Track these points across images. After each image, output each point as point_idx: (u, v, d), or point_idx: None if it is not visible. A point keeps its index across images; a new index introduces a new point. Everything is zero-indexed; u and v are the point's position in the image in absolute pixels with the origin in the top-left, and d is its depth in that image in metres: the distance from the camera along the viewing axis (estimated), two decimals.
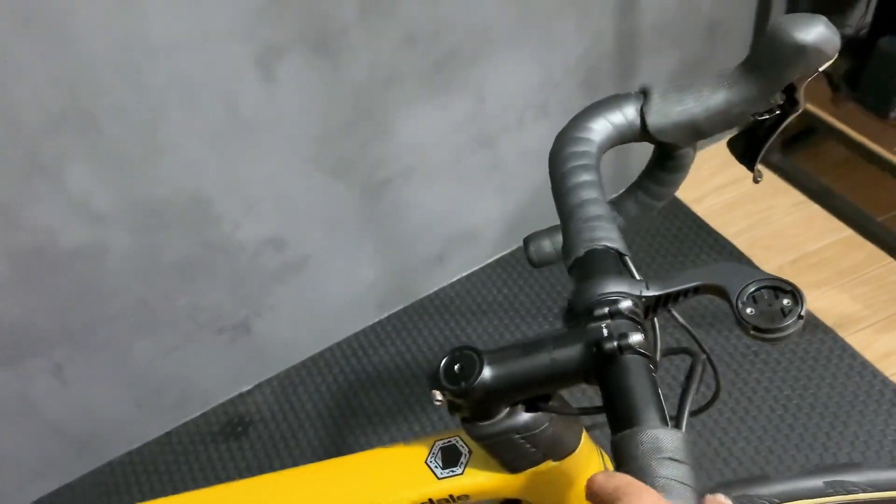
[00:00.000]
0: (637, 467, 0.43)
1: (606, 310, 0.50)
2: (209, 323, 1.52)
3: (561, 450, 0.57)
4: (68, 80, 1.09)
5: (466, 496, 0.59)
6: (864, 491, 0.67)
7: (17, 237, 1.21)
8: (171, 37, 1.12)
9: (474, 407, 0.53)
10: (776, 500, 0.68)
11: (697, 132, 0.63)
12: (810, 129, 1.86)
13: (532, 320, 1.71)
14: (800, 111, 0.65)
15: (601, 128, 0.63)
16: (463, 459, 0.60)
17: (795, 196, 1.84)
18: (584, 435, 0.59)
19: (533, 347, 0.51)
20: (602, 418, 0.51)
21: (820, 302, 1.64)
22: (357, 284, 1.66)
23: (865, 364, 1.53)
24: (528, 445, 0.55)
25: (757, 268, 0.51)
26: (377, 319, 1.77)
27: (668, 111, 0.62)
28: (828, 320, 1.61)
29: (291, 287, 1.56)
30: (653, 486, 0.42)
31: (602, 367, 0.48)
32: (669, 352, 0.55)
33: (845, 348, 1.56)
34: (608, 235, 0.56)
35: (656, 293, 0.52)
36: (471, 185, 1.61)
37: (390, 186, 1.50)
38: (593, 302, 0.51)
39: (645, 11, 1.55)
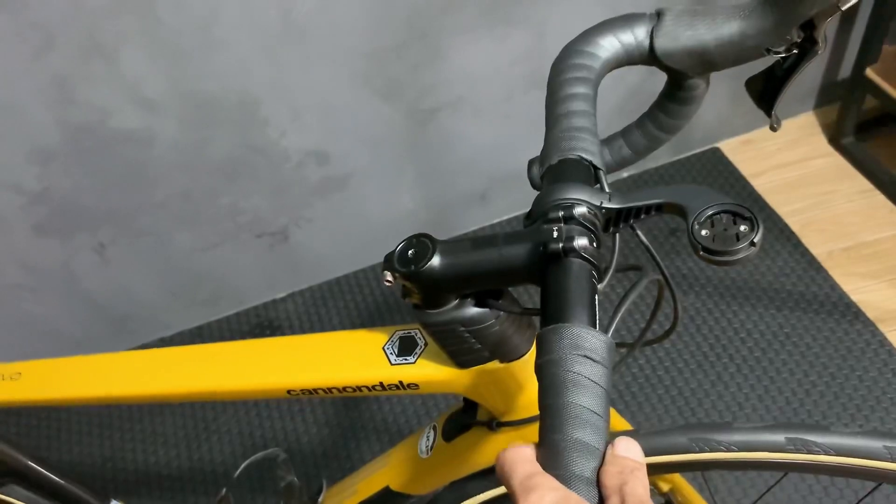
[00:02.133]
0: (554, 359, 0.43)
1: (560, 213, 0.50)
2: (249, 226, 1.57)
3: (508, 351, 0.58)
4: None
5: (415, 385, 0.60)
6: (826, 453, 0.65)
7: (71, 112, 1.26)
8: None
9: (423, 293, 0.53)
10: (734, 448, 0.67)
11: (707, 61, 0.61)
12: (887, 115, 1.76)
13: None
14: (819, 53, 0.62)
15: (609, 45, 0.62)
16: (417, 350, 0.61)
17: (861, 183, 1.76)
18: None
19: (484, 242, 0.51)
20: None
21: (866, 294, 1.58)
22: (396, 210, 1.67)
23: None
24: (474, 340, 0.56)
25: (720, 193, 0.49)
26: None
27: (678, 35, 0.61)
28: (870, 313, 1.54)
29: (331, 203, 1.59)
30: (564, 379, 0.42)
31: (546, 267, 0.48)
32: (623, 268, 0.54)
33: (883, 344, 1.50)
34: (585, 147, 0.56)
35: (617, 206, 0.51)
36: (520, 125, 1.60)
37: (438, 115, 1.50)
38: (552, 206, 0.51)
39: None
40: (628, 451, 0.42)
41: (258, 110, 1.37)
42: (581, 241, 0.47)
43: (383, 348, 0.62)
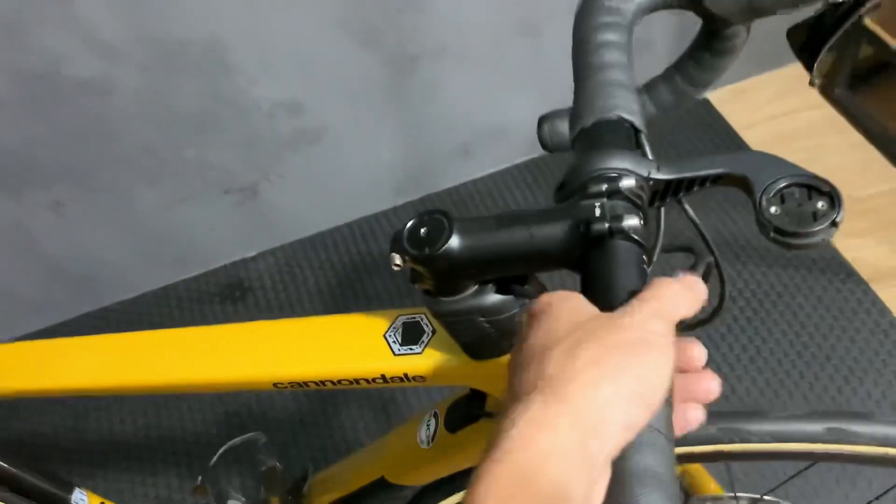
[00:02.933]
0: None
1: (604, 187, 0.43)
2: (217, 181, 1.47)
3: None
4: None
5: (422, 377, 0.53)
6: (868, 444, 0.60)
7: (22, 58, 1.15)
8: None
9: (438, 279, 0.46)
10: (768, 439, 0.61)
11: (755, 6, 0.53)
12: (883, 65, 1.70)
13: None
14: (877, 2, 0.54)
15: None
16: (424, 338, 0.54)
17: (854, 137, 1.71)
18: None
19: (512, 220, 0.44)
20: None
21: (859, 252, 1.54)
22: (375, 165, 1.59)
23: (894, 323, 1.44)
24: (494, 331, 0.49)
25: (790, 162, 0.42)
26: (392, 206, 1.71)
27: None
28: (863, 272, 1.51)
29: (305, 157, 1.50)
30: None
31: (587, 250, 0.41)
32: (671, 248, 0.47)
33: (875, 303, 1.46)
34: (625, 105, 0.48)
35: (668, 177, 0.44)
36: (507, 75, 1.51)
37: (420, 63, 1.41)
38: (591, 177, 0.43)
39: None
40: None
41: (227, 57, 1.27)
42: (631, 221, 0.40)
43: (384, 336, 0.55)
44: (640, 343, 0.34)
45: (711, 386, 0.39)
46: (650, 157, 0.46)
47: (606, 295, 0.39)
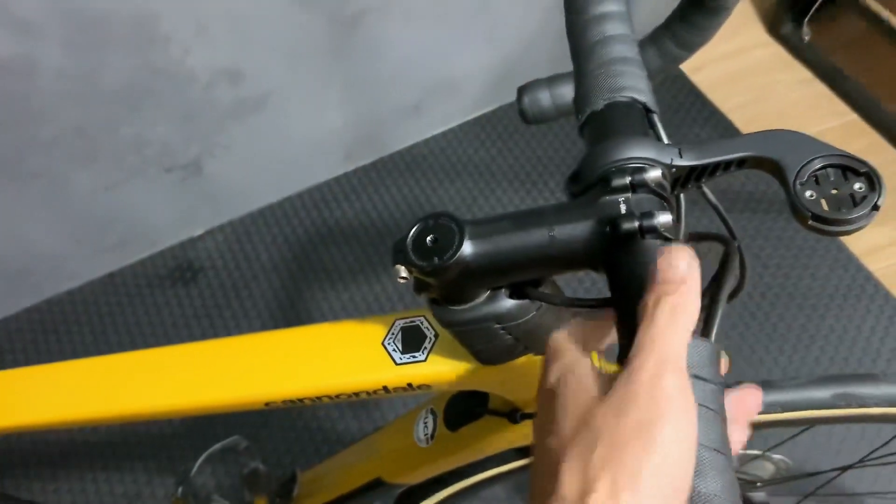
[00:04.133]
0: None
1: (628, 180, 0.39)
2: (156, 159, 1.38)
3: (544, 341, 0.47)
4: None
5: (427, 386, 0.49)
6: (878, 405, 0.59)
7: None
8: None
9: (448, 288, 0.42)
10: (777, 409, 0.60)
11: None
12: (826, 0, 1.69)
13: (509, 186, 1.60)
14: None
15: None
16: (427, 344, 0.50)
17: (802, 73, 1.71)
18: None
19: (528, 221, 0.40)
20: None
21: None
22: (322, 130, 1.52)
23: (850, 258, 1.46)
24: (508, 336, 0.45)
25: (821, 141, 0.39)
26: (343, 172, 1.64)
27: None
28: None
29: (249, 126, 1.42)
30: None
31: (615, 251, 0.37)
32: (696, 237, 0.44)
33: (833, 240, 1.48)
34: (636, 85, 0.44)
35: (691, 163, 0.41)
36: (455, 27, 1.44)
37: (363, 20, 1.33)
38: (611, 169, 0.40)
39: None
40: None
41: (157, 26, 1.17)
42: (663, 218, 0.37)
43: (383, 344, 0.50)
44: (652, 423, 0.30)
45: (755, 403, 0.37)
46: (666, 140, 0.43)
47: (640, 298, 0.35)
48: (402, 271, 0.41)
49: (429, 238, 0.40)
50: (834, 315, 1.40)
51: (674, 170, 0.40)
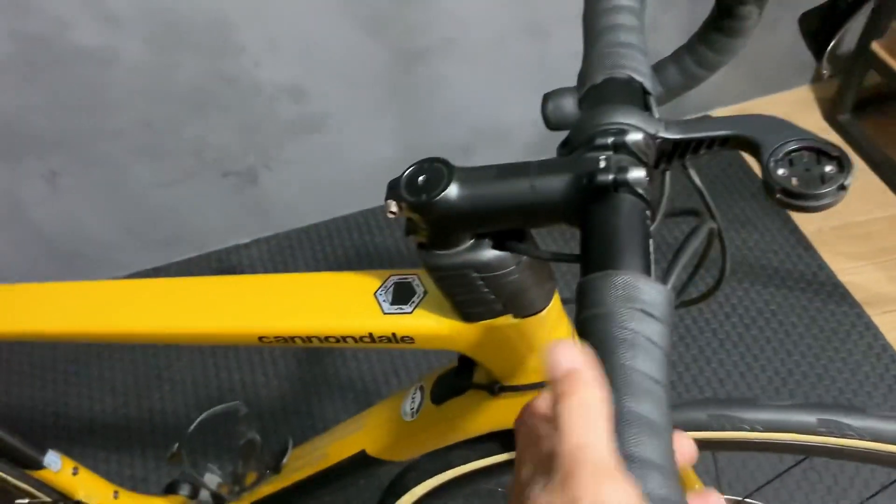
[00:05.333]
0: (603, 312, 0.35)
1: (610, 140, 0.41)
2: (215, 163, 1.46)
3: (525, 305, 0.49)
4: None
5: (410, 338, 0.52)
6: (861, 438, 0.59)
7: (24, 21, 1.13)
8: None
9: (434, 229, 0.45)
10: (759, 428, 0.60)
11: None
12: (887, 94, 1.71)
13: (551, 240, 1.62)
14: None
15: None
16: (415, 299, 0.52)
17: (855, 161, 1.71)
18: (556, 298, 0.51)
19: (512, 171, 0.43)
20: None
21: (854, 276, 1.53)
22: (373, 158, 1.58)
23: (886, 347, 1.43)
24: (488, 290, 0.47)
25: (800, 127, 0.41)
26: None
27: None
28: (857, 295, 1.50)
29: (305, 144, 1.49)
30: (616, 337, 0.34)
31: (589, 202, 0.40)
32: (673, 213, 0.46)
33: (869, 327, 1.46)
34: (636, 66, 0.47)
35: (675, 136, 0.43)
36: (511, 76, 1.50)
37: (425, 57, 1.40)
38: (597, 131, 0.42)
39: None
40: None
41: (232, 35, 1.26)
42: (636, 173, 0.39)
43: (375, 294, 0.53)
44: None
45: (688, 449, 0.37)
46: (657, 116, 0.46)
47: (606, 253, 0.37)
48: (393, 206, 0.44)
49: (420, 178, 0.43)
50: (861, 403, 1.36)
51: (658, 140, 0.43)
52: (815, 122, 1.79)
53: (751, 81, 1.79)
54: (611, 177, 0.39)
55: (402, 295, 0.53)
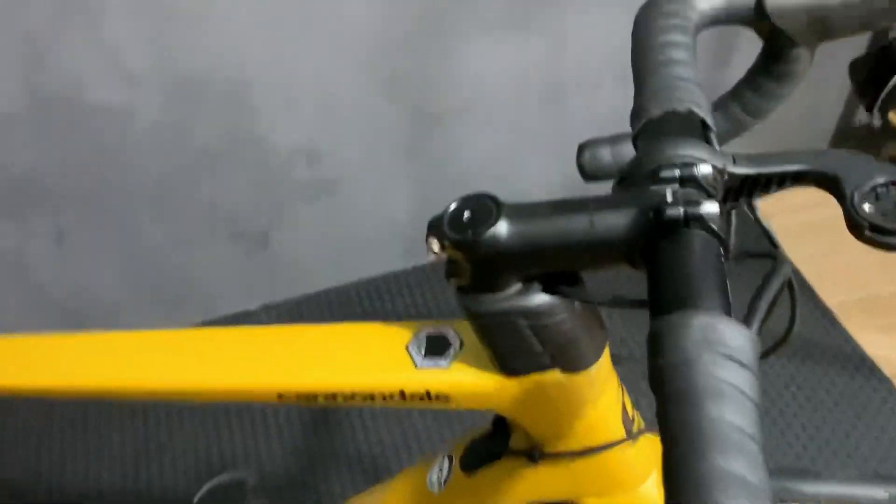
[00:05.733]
0: (682, 359, 0.31)
1: (677, 172, 0.38)
2: (226, 224, 1.43)
3: (574, 358, 0.45)
4: None
5: (446, 396, 0.47)
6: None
7: (42, 76, 1.13)
8: None
9: (479, 270, 0.41)
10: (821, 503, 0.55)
11: (825, 24, 0.50)
12: None
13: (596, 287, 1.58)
14: None
15: None
16: (451, 351, 0.48)
17: None
18: (607, 352, 0.47)
19: (568, 206, 0.39)
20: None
21: (881, 349, 1.48)
22: (387, 223, 1.55)
23: None
24: (535, 340, 0.43)
25: (883, 161, 0.38)
26: (402, 268, 1.66)
27: None
28: (886, 369, 1.45)
29: (318, 208, 1.46)
30: (704, 386, 0.30)
31: (657, 240, 0.36)
32: (745, 254, 0.43)
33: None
34: (696, 100, 0.44)
35: (745, 171, 0.40)
36: (529, 140, 1.49)
37: (444, 119, 1.39)
38: (661, 164, 0.39)
39: None
40: None
41: (250, 95, 1.25)
42: (709, 207, 0.36)
43: (406, 347, 0.49)
44: None
45: None
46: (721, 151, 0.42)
47: (681, 292, 0.33)
48: (435, 245, 0.40)
49: (465, 214, 0.40)
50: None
51: (726, 177, 0.39)
52: (829, 196, 1.77)
53: (768, 146, 1.78)
54: (681, 210, 0.35)
55: (436, 348, 0.48)
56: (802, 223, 1.72)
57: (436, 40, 1.27)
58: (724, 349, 0.31)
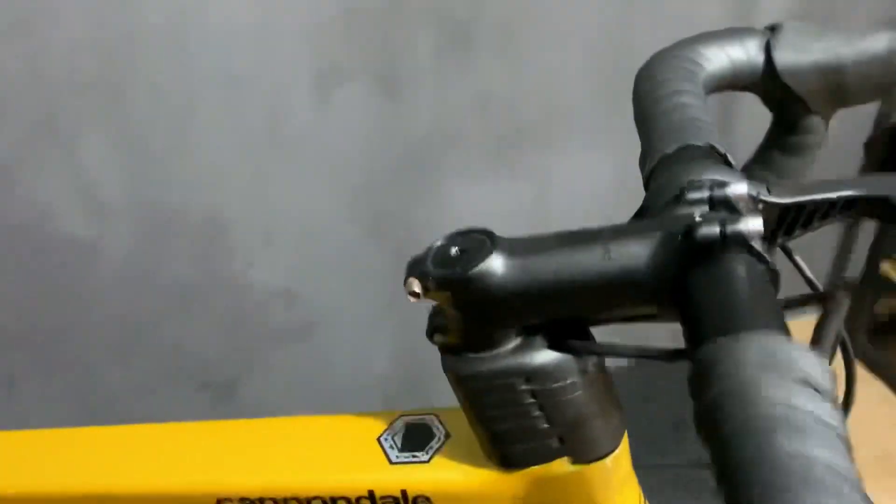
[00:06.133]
0: (742, 385, 0.23)
1: (706, 193, 0.32)
2: (192, 370, 1.33)
3: (587, 441, 0.36)
4: (108, 33, 1.00)
5: (426, 499, 0.37)
6: None
7: (7, 201, 1.08)
8: (231, 21, 1.03)
9: (469, 318, 0.33)
10: None
11: (839, 87, 0.46)
12: None
13: None
14: None
15: (714, 56, 0.47)
16: (434, 444, 0.39)
17: (881, 389, 1.60)
18: (626, 441, 0.38)
19: (578, 237, 0.32)
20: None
21: None
22: (365, 372, 1.45)
23: None
24: (539, 413, 0.34)
25: None
26: None
27: (805, 46, 0.46)
28: None
29: (292, 355, 1.37)
30: (773, 416, 0.23)
31: (689, 270, 0.29)
32: (792, 303, 0.35)
33: None
34: (712, 137, 0.39)
35: (784, 201, 0.34)
36: None
37: None
38: (686, 186, 0.33)
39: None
40: None
41: (226, 233, 1.20)
42: (751, 224, 0.29)
43: (379, 440, 0.40)
44: None
45: None
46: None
47: (732, 312, 0.26)
48: (415, 285, 0.33)
49: (454, 250, 0.33)
50: None
51: (761, 206, 0.33)
52: None
53: None
54: (717, 229, 0.29)
55: (415, 439, 0.39)
56: None
57: (421, 181, 1.25)
58: (793, 373, 0.23)
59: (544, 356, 0.33)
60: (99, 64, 1.01)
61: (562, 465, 0.36)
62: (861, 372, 1.65)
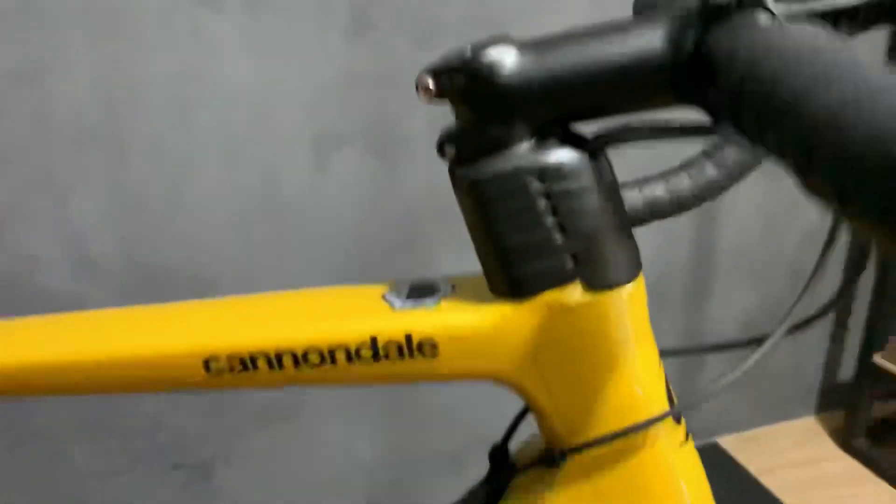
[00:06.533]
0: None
1: None
2: (166, 450, 1.26)
3: (602, 262, 0.34)
4: (113, 88, 1.03)
5: (432, 344, 0.35)
6: None
7: None
8: (234, 84, 1.07)
9: (479, 113, 0.33)
10: None
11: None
12: None
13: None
14: None
15: None
16: (439, 294, 0.37)
17: (883, 488, 1.54)
18: (642, 281, 0.36)
19: (592, 28, 0.33)
20: None
21: None
22: (349, 460, 1.38)
23: None
24: (552, 218, 0.33)
25: None
26: None
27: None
28: None
29: (273, 436, 1.31)
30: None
31: (708, 35, 0.30)
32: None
33: None
34: None
35: None
36: None
37: None
38: None
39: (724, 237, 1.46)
40: None
41: (213, 295, 1.18)
42: None
43: (384, 296, 0.38)
44: None
45: None
46: None
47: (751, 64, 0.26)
48: (428, 81, 0.33)
49: (468, 49, 0.33)
50: None
51: None
52: (828, 451, 1.66)
53: (754, 409, 1.70)
54: None
55: (421, 292, 0.37)
56: (803, 479, 1.59)
57: (413, 253, 1.26)
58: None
59: (559, 154, 0.33)
60: (101, 119, 1.04)
61: (575, 291, 0.34)
62: (862, 471, 1.59)
